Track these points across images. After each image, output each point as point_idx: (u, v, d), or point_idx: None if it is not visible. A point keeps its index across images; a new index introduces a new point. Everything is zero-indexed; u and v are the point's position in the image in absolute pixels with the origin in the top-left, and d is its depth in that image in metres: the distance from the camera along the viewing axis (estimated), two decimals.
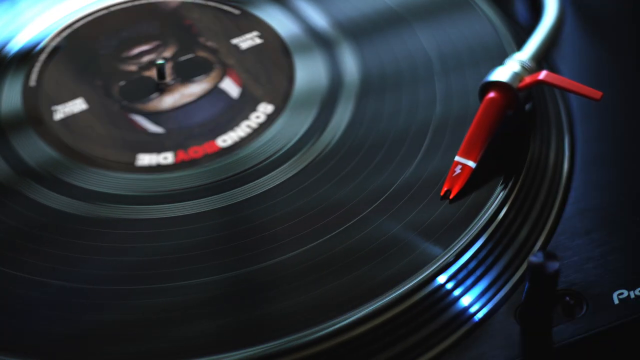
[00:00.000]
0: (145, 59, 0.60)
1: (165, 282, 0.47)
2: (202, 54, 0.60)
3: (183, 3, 0.63)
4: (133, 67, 0.59)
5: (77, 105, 0.58)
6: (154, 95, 0.58)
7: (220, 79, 0.58)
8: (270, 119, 0.55)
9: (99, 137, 0.56)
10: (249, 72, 0.58)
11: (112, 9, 0.63)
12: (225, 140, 0.54)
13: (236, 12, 0.62)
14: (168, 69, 0.59)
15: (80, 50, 0.61)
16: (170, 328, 0.46)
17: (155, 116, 0.56)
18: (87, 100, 0.58)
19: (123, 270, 0.48)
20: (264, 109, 0.56)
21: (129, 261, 0.49)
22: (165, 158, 0.54)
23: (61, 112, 0.57)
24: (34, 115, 0.57)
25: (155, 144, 0.55)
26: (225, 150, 0.54)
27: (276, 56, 0.59)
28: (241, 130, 0.55)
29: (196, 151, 0.54)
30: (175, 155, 0.54)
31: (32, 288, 0.47)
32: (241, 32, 0.61)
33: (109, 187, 0.52)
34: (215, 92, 0.58)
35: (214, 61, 0.59)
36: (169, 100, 0.57)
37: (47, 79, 0.59)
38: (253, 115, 0.55)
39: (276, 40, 0.60)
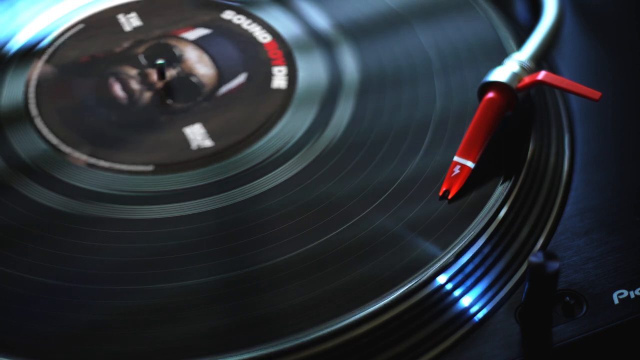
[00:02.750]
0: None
1: (165, 282, 0.47)
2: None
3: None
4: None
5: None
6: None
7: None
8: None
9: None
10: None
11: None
12: None
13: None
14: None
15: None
16: (171, 328, 0.46)
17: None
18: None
19: (121, 269, 0.48)
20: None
21: (128, 261, 0.49)
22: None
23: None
24: (33, 113, 0.57)
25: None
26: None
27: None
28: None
29: None
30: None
31: (27, 286, 0.47)
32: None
33: (108, 186, 0.52)
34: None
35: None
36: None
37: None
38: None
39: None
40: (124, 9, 0.62)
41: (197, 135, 0.55)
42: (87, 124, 0.56)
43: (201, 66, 0.59)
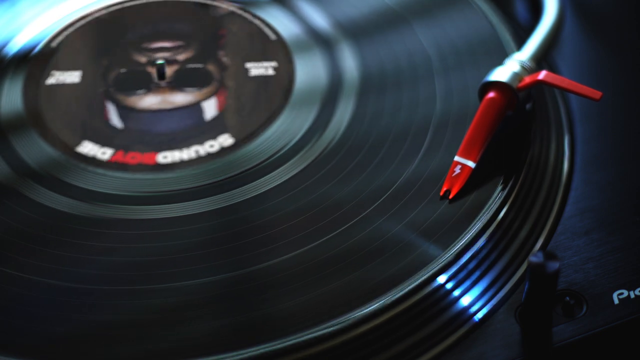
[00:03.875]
0: (159, 55, 0.60)
1: (166, 282, 0.47)
2: (210, 67, 0.59)
3: (232, 13, 0.63)
4: (143, 59, 0.59)
5: (73, 77, 0.58)
6: (140, 91, 0.58)
7: (208, 97, 0.58)
8: (224, 151, 0.54)
9: (66, 111, 0.56)
10: (238, 99, 0.57)
11: None
12: (166, 157, 0.54)
13: (273, 37, 0.61)
14: (171, 71, 0.59)
15: (113, 27, 0.61)
16: (170, 328, 0.46)
17: (126, 111, 0.56)
18: (83, 76, 0.58)
19: (122, 270, 0.48)
20: (222, 141, 0.55)
21: (128, 261, 0.49)
22: (104, 153, 0.54)
23: (55, 78, 0.58)
24: (34, 115, 0.57)
25: (104, 137, 0.55)
26: (160, 167, 0.53)
27: (276, 94, 0.57)
28: (186, 154, 0.54)
29: (134, 157, 0.54)
30: (113, 154, 0.54)
31: (31, 288, 0.47)
32: (262, 58, 0.60)
33: (108, 187, 0.52)
34: (194, 108, 0.57)
35: (215, 78, 0.59)
36: (149, 101, 0.57)
37: (66, 45, 0.60)
38: (208, 143, 0.55)
39: (286, 78, 0.59)
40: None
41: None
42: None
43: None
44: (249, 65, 0.59)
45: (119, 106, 0.57)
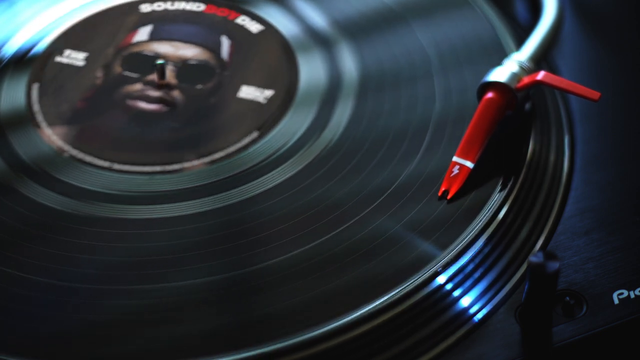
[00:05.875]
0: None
1: (165, 282, 0.47)
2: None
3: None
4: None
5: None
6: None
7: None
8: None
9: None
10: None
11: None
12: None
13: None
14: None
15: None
16: (170, 328, 0.46)
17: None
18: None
19: (122, 270, 0.48)
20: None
21: (128, 261, 0.49)
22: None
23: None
24: (33, 113, 0.57)
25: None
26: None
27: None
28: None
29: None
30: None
31: (28, 287, 0.47)
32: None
33: (107, 186, 0.52)
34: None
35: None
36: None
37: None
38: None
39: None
40: (58, 51, 0.61)
41: (253, 91, 0.57)
42: (147, 141, 0.55)
43: (184, 51, 0.59)
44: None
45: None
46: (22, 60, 0.60)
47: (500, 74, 0.52)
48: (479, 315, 0.47)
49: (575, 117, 0.56)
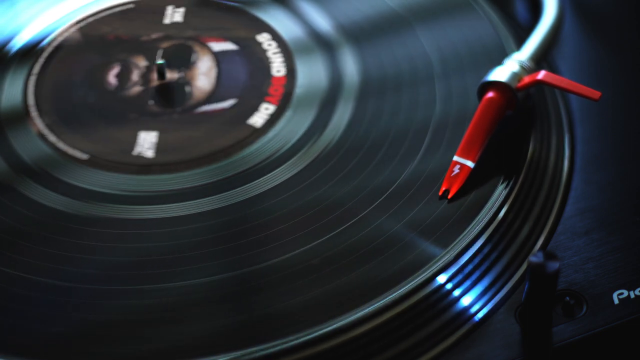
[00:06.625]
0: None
1: (165, 282, 0.47)
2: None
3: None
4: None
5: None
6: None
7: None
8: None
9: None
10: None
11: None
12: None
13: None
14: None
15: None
16: (170, 328, 0.46)
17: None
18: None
19: (122, 270, 0.48)
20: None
21: (128, 261, 0.49)
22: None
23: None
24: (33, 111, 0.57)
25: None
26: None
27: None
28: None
29: None
30: None
31: (27, 287, 0.47)
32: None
33: (108, 186, 0.52)
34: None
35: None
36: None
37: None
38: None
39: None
40: (178, 2, 0.63)
41: (146, 142, 0.55)
42: (66, 97, 0.57)
43: (204, 79, 0.59)
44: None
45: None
46: (26, 57, 0.60)
47: (500, 73, 0.52)
48: (479, 315, 0.47)
49: (575, 117, 0.56)
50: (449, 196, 0.50)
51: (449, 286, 0.47)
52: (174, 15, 0.62)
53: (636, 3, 0.64)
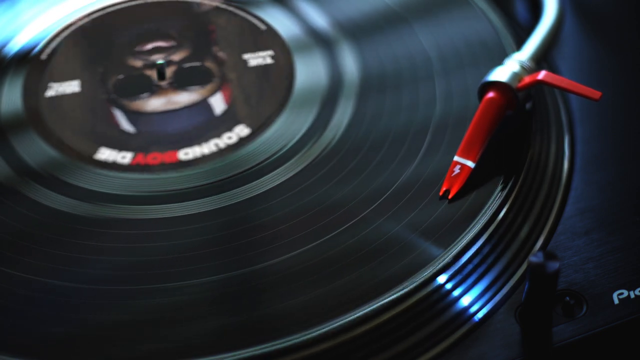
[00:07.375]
0: (154, 57, 0.60)
1: (165, 282, 0.47)
2: (208, 64, 0.59)
3: (217, 8, 0.63)
4: (139, 63, 0.59)
5: (72, 87, 0.58)
6: (144, 95, 0.58)
7: (213, 92, 0.58)
8: (243, 142, 0.54)
9: (73, 121, 0.56)
10: (244, 90, 0.58)
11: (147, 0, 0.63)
12: (187, 153, 0.54)
13: (262, 27, 0.61)
14: (170, 72, 0.59)
15: (100, 34, 0.61)
16: (170, 328, 0.46)
17: (134, 115, 0.56)
18: (82, 85, 0.58)
19: (122, 270, 0.48)
20: (239, 131, 0.55)
21: (128, 261, 0.49)
22: (124, 157, 0.54)
23: (54, 90, 0.58)
24: (33, 115, 0.57)
25: (120, 142, 0.55)
26: (183, 163, 0.53)
27: (279, 80, 0.58)
28: (207, 147, 0.54)
29: (155, 158, 0.54)
30: (134, 157, 0.54)
31: (31, 288, 0.47)
32: (257, 48, 0.60)
33: (108, 187, 0.52)
34: (201, 105, 0.57)
35: (215, 74, 0.59)
36: (154, 103, 0.57)
37: (59, 54, 0.60)
38: (226, 135, 0.55)
39: (287, 64, 0.59)
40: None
41: None
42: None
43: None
44: (246, 56, 0.60)
45: (125, 111, 0.57)
46: (23, 62, 0.60)
47: (501, 73, 0.52)
48: (479, 315, 0.47)
49: (575, 117, 0.56)
50: (450, 196, 0.50)
51: (449, 286, 0.47)
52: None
53: (636, 3, 0.64)
